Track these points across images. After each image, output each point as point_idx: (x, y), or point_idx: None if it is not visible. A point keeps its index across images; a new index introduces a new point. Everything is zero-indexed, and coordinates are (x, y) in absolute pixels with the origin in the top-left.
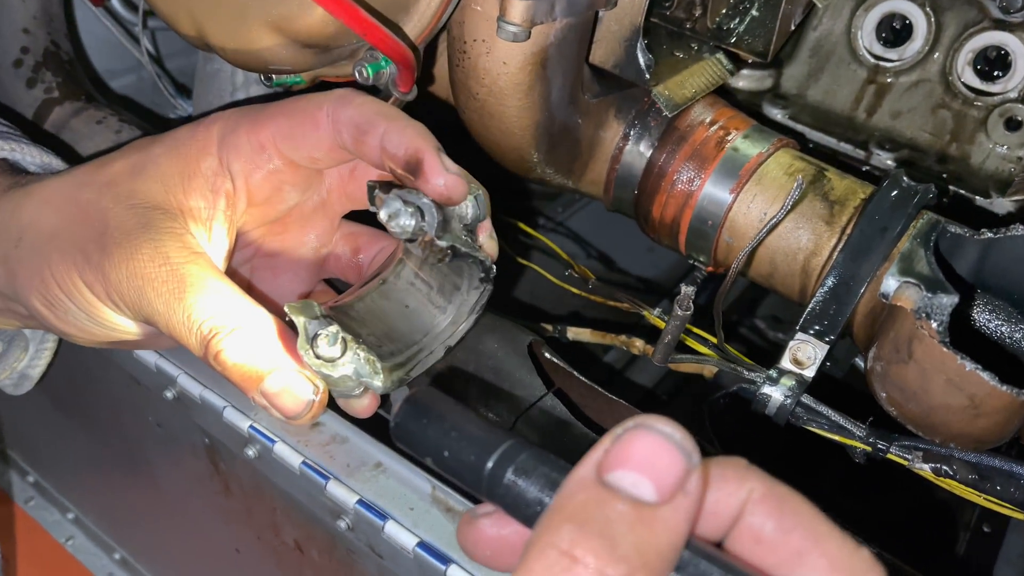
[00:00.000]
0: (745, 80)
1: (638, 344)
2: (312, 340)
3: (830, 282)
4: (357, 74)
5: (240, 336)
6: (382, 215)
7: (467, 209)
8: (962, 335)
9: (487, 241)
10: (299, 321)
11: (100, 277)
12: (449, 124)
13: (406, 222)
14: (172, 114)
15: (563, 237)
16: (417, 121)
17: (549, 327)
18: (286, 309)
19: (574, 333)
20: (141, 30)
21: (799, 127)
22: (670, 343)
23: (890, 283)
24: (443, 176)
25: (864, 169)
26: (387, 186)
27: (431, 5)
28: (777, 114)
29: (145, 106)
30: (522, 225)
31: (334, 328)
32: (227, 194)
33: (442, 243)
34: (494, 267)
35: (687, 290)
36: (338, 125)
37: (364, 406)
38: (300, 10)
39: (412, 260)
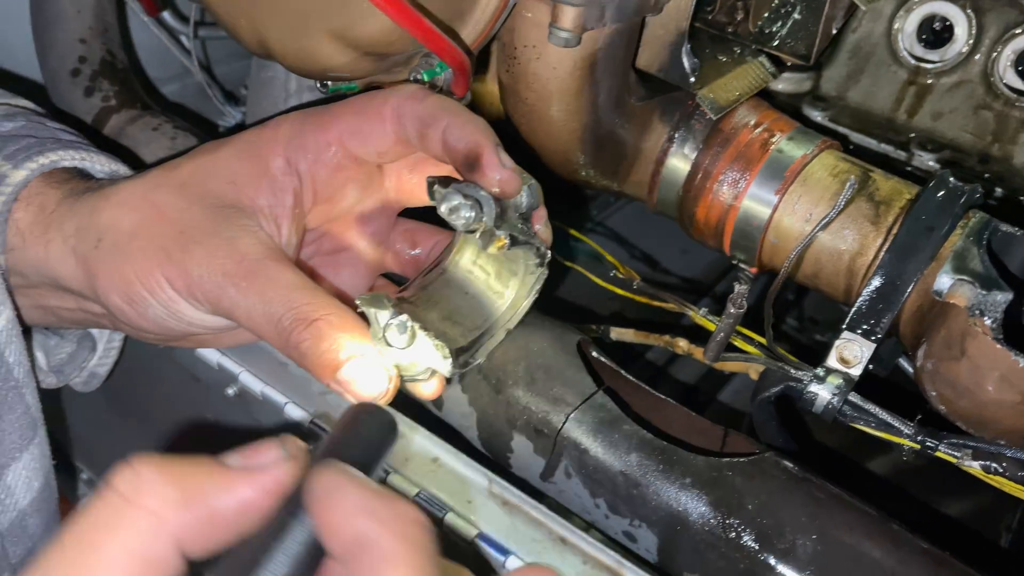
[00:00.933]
0: (784, 82)
1: (682, 344)
2: (383, 329)
3: (876, 281)
4: (412, 80)
5: (318, 327)
6: (443, 208)
7: (522, 199)
8: (1013, 333)
9: (543, 229)
10: (370, 312)
11: (182, 273)
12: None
13: (466, 214)
14: (220, 121)
15: (601, 237)
16: (479, 116)
17: (592, 327)
18: (357, 301)
19: (617, 333)
20: (192, 39)
21: (839, 129)
22: (722, 341)
23: (944, 281)
24: (499, 171)
25: (907, 170)
26: (446, 181)
27: (486, 12)
28: (817, 116)
29: (193, 110)
30: (573, 232)
31: (404, 317)
32: (295, 192)
33: (500, 233)
34: (549, 252)
35: (740, 288)
36: (403, 119)
37: (432, 389)
38: (362, 19)
39: (469, 249)
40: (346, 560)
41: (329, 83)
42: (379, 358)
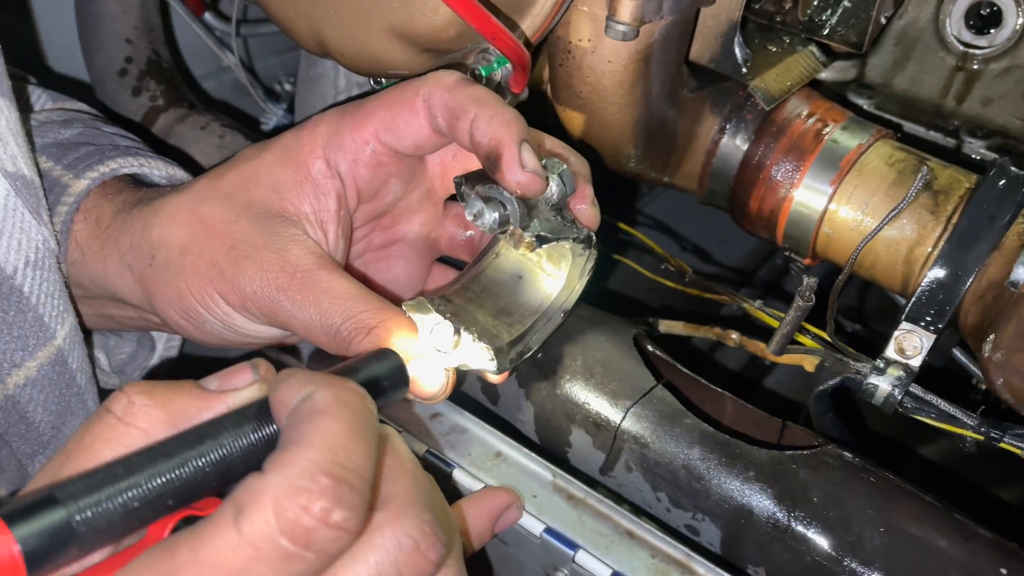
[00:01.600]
0: (829, 70)
1: (734, 336)
2: (429, 335)
3: (936, 271)
4: (470, 76)
5: (376, 335)
6: (467, 215)
7: (552, 191)
8: None
9: (588, 209)
10: (417, 319)
11: (234, 289)
12: None
13: (489, 218)
14: (262, 118)
15: (641, 228)
16: (510, 108)
17: (640, 321)
18: (403, 308)
19: (666, 326)
20: (234, 37)
21: (886, 116)
22: (788, 334)
23: (1020, 272)
24: (519, 174)
25: (960, 158)
26: (473, 179)
27: (545, 7)
28: (863, 103)
29: (231, 106)
30: (621, 225)
31: (446, 321)
32: (338, 195)
33: (528, 235)
34: (593, 235)
35: (809, 281)
36: (433, 110)
37: (497, 377)
38: (423, 15)
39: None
40: (287, 425)
41: (383, 79)
42: (436, 359)
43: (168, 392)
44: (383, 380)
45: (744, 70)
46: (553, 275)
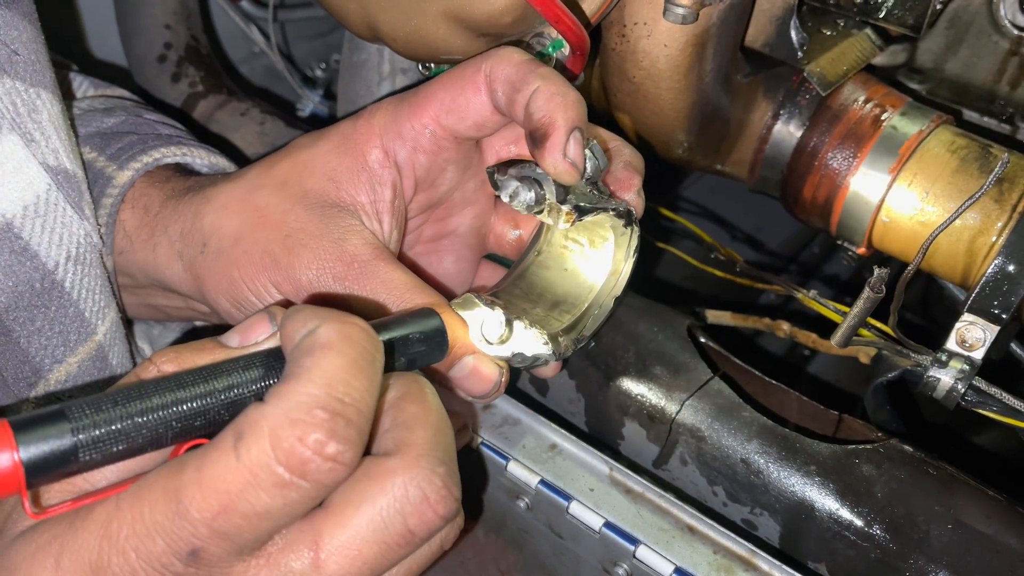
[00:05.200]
0: (878, 55)
1: (784, 327)
2: (481, 329)
3: (1000, 261)
4: None
5: None
6: (503, 196)
7: (586, 167)
8: None
9: (635, 198)
10: (465, 316)
11: (289, 278)
12: None
13: (526, 196)
14: (298, 104)
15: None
16: (574, 91)
17: (688, 310)
18: (452, 307)
19: (714, 316)
20: (271, 23)
21: (937, 101)
22: (855, 326)
23: None
24: (558, 160)
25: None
26: (504, 167)
27: None
28: (914, 88)
29: (264, 90)
30: (665, 211)
31: (498, 313)
32: (394, 184)
33: (566, 207)
34: (632, 209)
35: (880, 272)
36: (494, 83)
37: (552, 368)
38: (482, 0)
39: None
40: (289, 359)
41: (432, 65)
42: (489, 353)
43: (192, 354)
44: (417, 336)
45: (800, 54)
46: (598, 261)
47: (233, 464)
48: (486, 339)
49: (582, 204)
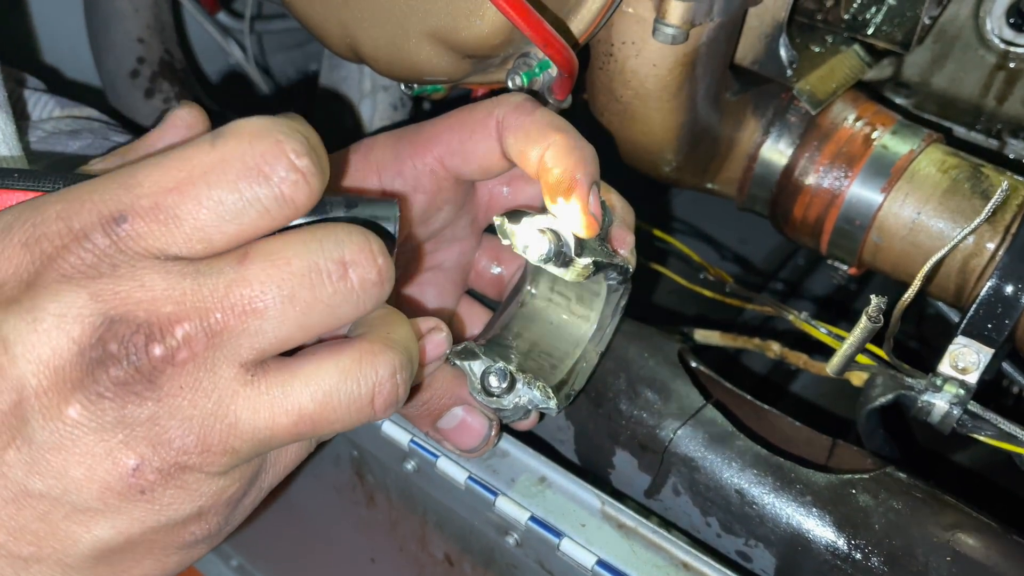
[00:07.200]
0: (867, 72)
1: (775, 348)
2: (481, 380)
3: (994, 283)
4: (510, 82)
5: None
6: (518, 246)
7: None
8: None
9: (628, 255)
10: (465, 366)
11: None
12: None
13: (544, 248)
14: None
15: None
16: (587, 144)
17: (675, 330)
18: (449, 356)
19: (703, 336)
20: (247, 35)
21: (924, 116)
22: (851, 355)
23: None
24: (583, 217)
25: (1008, 159)
26: (516, 216)
27: (591, 9)
28: (900, 103)
29: (236, 103)
30: (656, 232)
31: (500, 364)
32: None
33: (584, 260)
34: (630, 268)
35: (878, 300)
36: (506, 131)
37: (529, 421)
38: (468, 20)
39: (545, 277)
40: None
41: (415, 85)
42: (480, 406)
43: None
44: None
45: (789, 72)
46: (584, 316)
47: (206, 149)
48: (486, 390)
49: (598, 260)
